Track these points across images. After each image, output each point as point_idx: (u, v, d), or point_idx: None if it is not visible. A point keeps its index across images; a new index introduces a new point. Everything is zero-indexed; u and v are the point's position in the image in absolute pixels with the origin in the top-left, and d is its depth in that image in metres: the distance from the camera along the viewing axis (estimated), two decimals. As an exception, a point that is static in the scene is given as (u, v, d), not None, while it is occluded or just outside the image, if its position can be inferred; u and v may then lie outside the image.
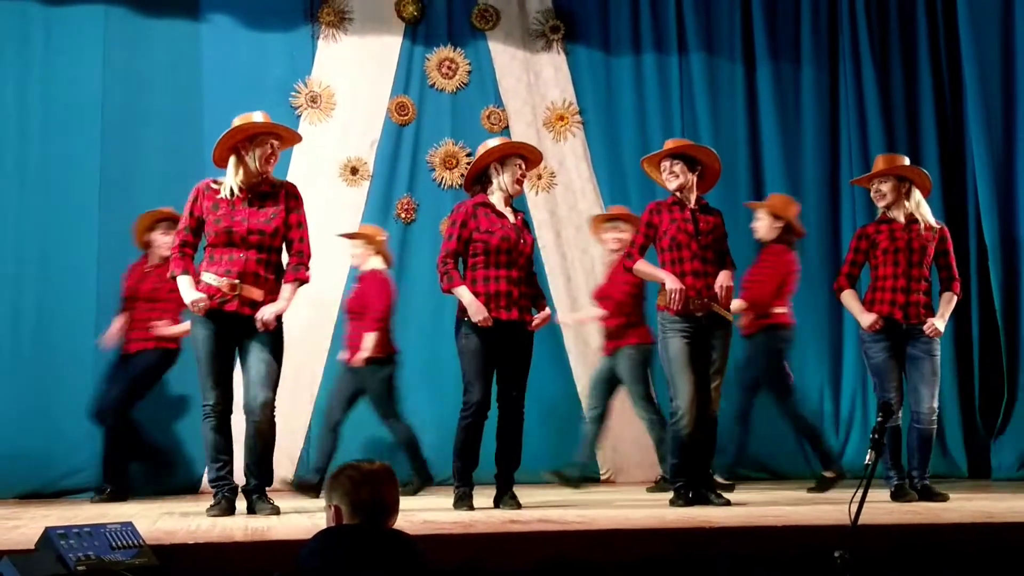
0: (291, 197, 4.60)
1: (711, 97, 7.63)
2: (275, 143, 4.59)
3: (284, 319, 4.59)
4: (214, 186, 4.58)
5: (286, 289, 4.54)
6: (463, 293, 4.70)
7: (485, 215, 4.81)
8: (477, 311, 4.67)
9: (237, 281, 4.45)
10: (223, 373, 4.53)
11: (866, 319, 5.09)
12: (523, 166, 4.89)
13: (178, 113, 6.86)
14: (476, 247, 4.78)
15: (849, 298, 5.25)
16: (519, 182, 4.87)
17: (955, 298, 5.22)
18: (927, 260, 5.15)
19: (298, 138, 4.81)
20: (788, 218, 6.12)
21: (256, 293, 4.47)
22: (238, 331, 4.50)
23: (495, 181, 4.86)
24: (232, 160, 4.56)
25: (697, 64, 7.63)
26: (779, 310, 6.02)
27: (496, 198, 4.86)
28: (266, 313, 4.45)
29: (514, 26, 7.52)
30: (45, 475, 6.26)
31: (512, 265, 4.80)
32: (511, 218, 4.86)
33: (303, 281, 4.61)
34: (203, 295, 4.43)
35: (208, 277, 4.49)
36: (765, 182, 7.68)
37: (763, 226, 6.14)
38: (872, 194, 5.27)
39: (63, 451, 6.30)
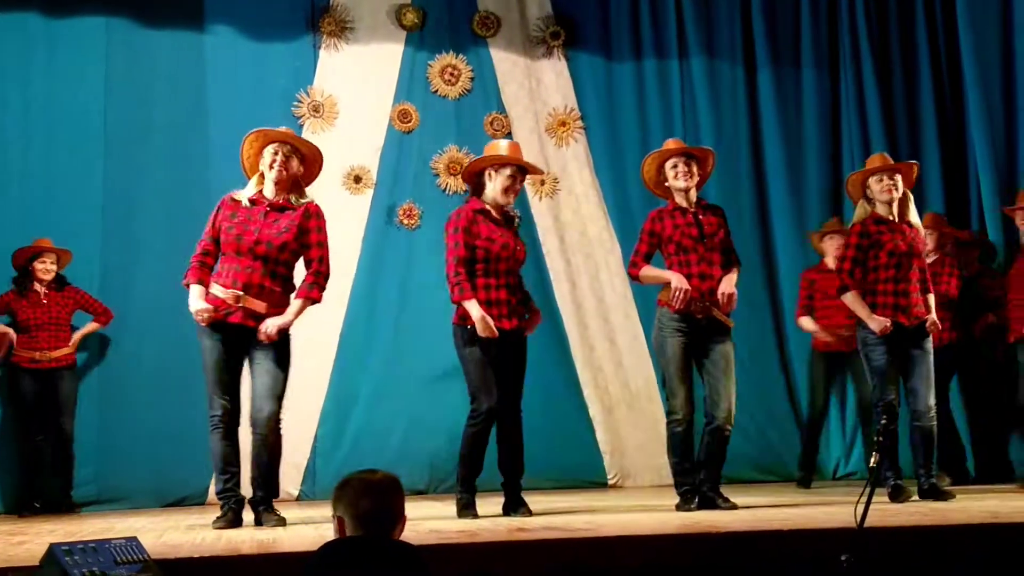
0: (311, 216, 4.60)
1: (712, 101, 7.62)
2: (282, 149, 4.57)
3: (291, 331, 4.59)
4: (236, 198, 4.61)
5: (295, 304, 4.54)
6: (473, 308, 4.65)
7: (484, 222, 4.80)
8: (485, 328, 4.63)
9: (240, 293, 4.46)
10: (229, 384, 4.53)
11: (877, 324, 5.04)
12: (517, 179, 4.84)
13: (181, 124, 6.87)
14: (477, 254, 4.76)
15: (855, 300, 5.13)
16: (507, 192, 4.83)
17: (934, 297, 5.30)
18: (920, 262, 5.20)
19: (318, 152, 4.76)
20: None
21: (259, 305, 4.47)
22: (244, 343, 4.50)
23: (488, 185, 4.87)
24: (257, 175, 4.62)
25: (698, 68, 7.62)
26: None
27: (490, 204, 4.86)
28: (269, 326, 4.45)
29: (515, 33, 7.52)
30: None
31: (510, 273, 4.80)
32: (506, 226, 4.85)
33: (314, 300, 4.59)
34: (207, 306, 4.45)
35: (215, 289, 4.50)
36: (768, 185, 7.67)
37: None
38: (882, 191, 5.11)
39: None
